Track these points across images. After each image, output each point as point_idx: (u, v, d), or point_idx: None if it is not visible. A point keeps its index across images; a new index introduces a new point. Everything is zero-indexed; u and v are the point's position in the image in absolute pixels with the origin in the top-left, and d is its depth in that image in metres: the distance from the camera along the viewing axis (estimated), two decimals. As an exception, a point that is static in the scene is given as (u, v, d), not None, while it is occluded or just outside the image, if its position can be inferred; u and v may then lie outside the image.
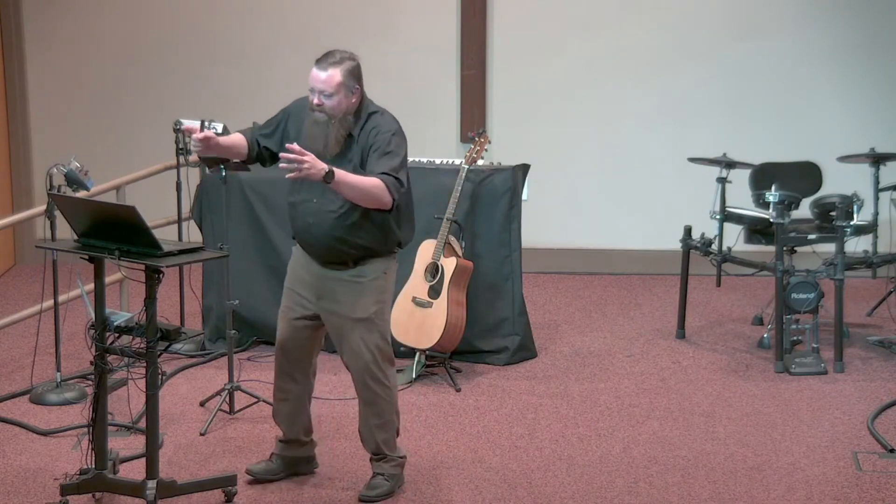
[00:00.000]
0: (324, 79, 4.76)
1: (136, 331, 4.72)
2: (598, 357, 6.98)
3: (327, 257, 4.88)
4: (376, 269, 4.92)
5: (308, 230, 4.87)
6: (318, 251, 4.89)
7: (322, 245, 4.85)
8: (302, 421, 5.17)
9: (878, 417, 5.93)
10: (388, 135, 4.80)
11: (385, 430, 5.03)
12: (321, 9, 9.03)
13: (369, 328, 4.91)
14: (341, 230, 4.81)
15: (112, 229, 4.67)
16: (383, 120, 4.87)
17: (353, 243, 4.84)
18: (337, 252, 4.85)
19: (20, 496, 5.03)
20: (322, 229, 4.83)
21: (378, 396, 4.98)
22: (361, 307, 4.89)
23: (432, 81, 9.01)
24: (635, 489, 5.12)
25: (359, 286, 4.89)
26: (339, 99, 4.78)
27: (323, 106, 4.77)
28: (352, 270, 4.88)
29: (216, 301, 6.91)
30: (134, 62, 9.28)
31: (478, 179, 6.77)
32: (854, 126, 8.71)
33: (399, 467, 5.10)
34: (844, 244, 6.73)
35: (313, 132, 4.79)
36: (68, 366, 6.48)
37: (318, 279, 4.93)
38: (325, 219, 4.81)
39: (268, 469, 5.19)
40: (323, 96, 4.77)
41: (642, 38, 8.92)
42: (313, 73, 4.79)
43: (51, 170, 6.14)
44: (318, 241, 4.85)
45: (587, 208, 9.09)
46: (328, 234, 4.82)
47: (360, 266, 4.89)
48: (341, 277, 4.89)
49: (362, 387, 4.97)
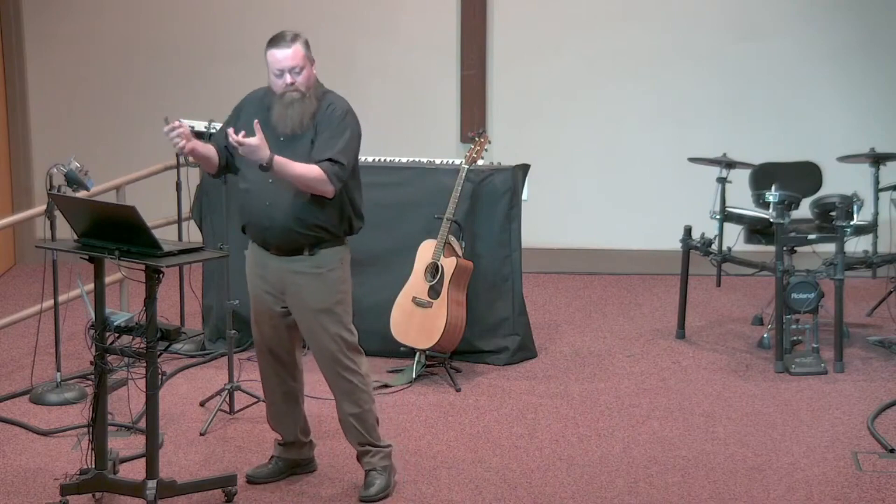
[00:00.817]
0: (290, 55, 4.79)
1: (136, 331, 4.73)
2: (598, 357, 6.98)
3: (284, 243, 4.87)
4: (333, 258, 4.92)
5: (266, 212, 4.84)
6: (274, 235, 4.86)
7: (279, 226, 4.83)
8: (298, 422, 5.17)
9: (878, 417, 5.93)
10: (340, 115, 4.84)
11: (365, 418, 5.02)
12: (321, 9, 9.03)
13: (332, 319, 4.92)
14: (299, 209, 4.80)
15: (112, 229, 4.67)
16: (336, 99, 4.91)
17: (310, 224, 4.83)
18: (294, 235, 4.84)
19: (20, 496, 5.03)
20: (280, 210, 4.81)
21: (352, 385, 4.98)
22: (322, 298, 4.90)
23: (432, 81, 9.00)
24: (635, 489, 5.12)
25: (318, 277, 4.89)
26: (308, 72, 4.83)
27: (296, 84, 4.79)
28: (310, 260, 4.88)
29: (216, 301, 6.91)
30: (134, 62, 9.28)
31: (478, 179, 6.77)
32: (854, 126, 8.70)
33: (388, 457, 5.10)
34: (844, 244, 6.72)
35: (287, 113, 4.80)
36: (68, 366, 6.48)
37: (277, 274, 4.92)
38: (284, 199, 4.80)
39: (268, 472, 5.18)
40: (294, 73, 4.79)
41: (642, 38, 8.92)
42: (275, 54, 4.81)
43: (51, 170, 6.13)
44: (275, 222, 4.83)
45: (587, 208, 9.09)
46: (287, 214, 4.80)
47: (317, 255, 4.89)
48: (301, 270, 4.89)
49: (335, 378, 4.98)
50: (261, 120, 4.80)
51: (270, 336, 5.04)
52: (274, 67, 4.82)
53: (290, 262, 4.90)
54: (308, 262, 4.89)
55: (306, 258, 4.89)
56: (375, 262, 6.72)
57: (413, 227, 6.74)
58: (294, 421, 5.16)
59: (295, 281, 4.90)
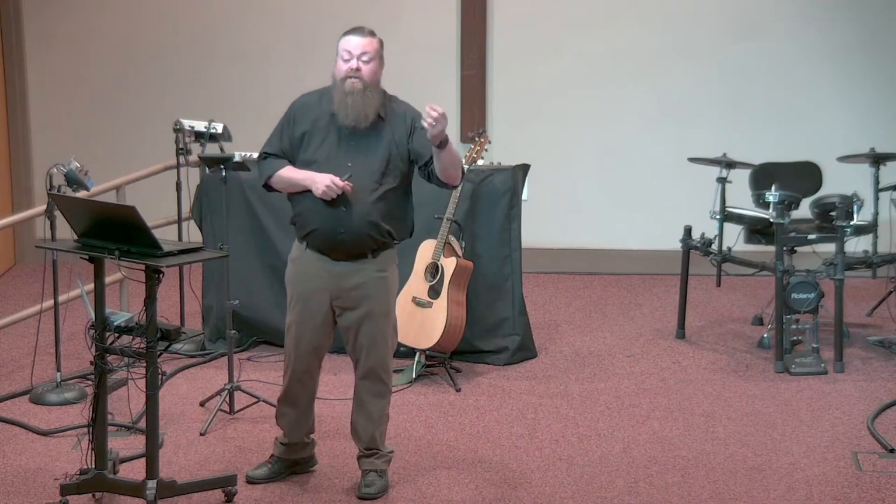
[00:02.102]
0: (365, 42, 4.81)
1: (136, 331, 4.72)
2: (598, 357, 6.98)
3: (354, 248, 4.83)
4: (390, 261, 4.95)
5: (340, 218, 4.79)
6: (346, 240, 4.81)
7: (354, 232, 4.79)
8: (308, 424, 5.16)
9: (878, 417, 5.93)
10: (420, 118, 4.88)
11: (383, 422, 5.05)
12: (321, 9, 9.04)
13: (388, 322, 4.95)
14: (375, 214, 4.80)
15: (112, 229, 4.67)
16: (409, 107, 4.95)
17: (382, 229, 4.83)
18: (365, 239, 4.81)
19: (20, 496, 5.03)
20: (356, 215, 4.78)
21: (386, 388, 5.01)
22: (385, 301, 4.92)
23: (432, 81, 9.01)
24: (635, 489, 5.12)
25: (383, 281, 4.90)
26: (375, 66, 4.82)
27: (361, 71, 4.78)
28: (372, 263, 4.87)
29: (216, 301, 6.91)
30: (134, 62, 9.28)
31: (478, 179, 6.78)
32: (854, 126, 8.71)
33: (387, 463, 5.10)
34: (844, 244, 6.73)
35: (348, 102, 4.78)
36: (68, 366, 6.48)
37: (335, 279, 4.87)
38: (361, 204, 4.78)
39: (268, 473, 5.17)
40: (362, 61, 4.79)
41: (642, 38, 8.93)
42: (350, 40, 4.82)
43: (51, 170, 6.13)
44: (349, 228, 4.79)
45: (587, 208, 9.09)
46: (362, 220, 4.79)
47: (378, 258, 4.89)
48: (365, 273, 4.86)
49: (375, 382, 4.97)
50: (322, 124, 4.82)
51: (311, 342, 4.97)
52: (344, 50, 4.81)
53: (352, 266, 4.86)
54: (372, 265, 4.88)
55: (370, 261, 4.87)
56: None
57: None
58: (305, 423, 5.14)
59: (357, 285, 4.87)
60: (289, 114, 4.96)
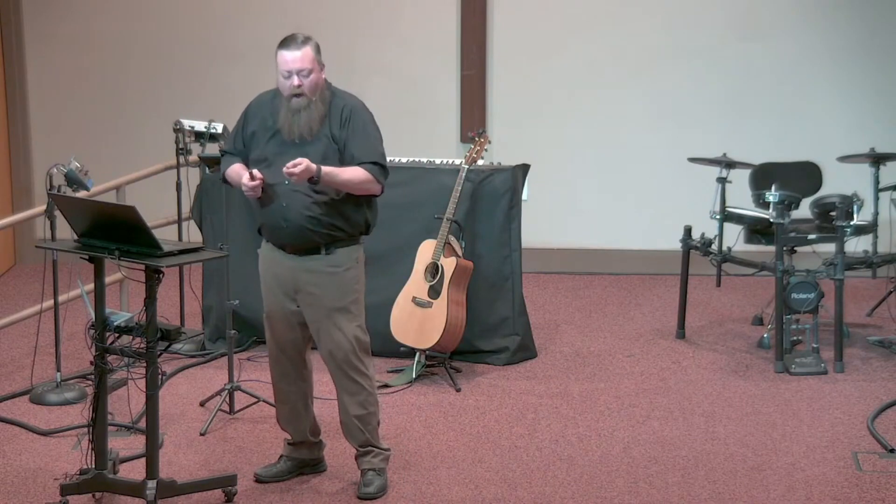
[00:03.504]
0: (300, 57, 4.79)
1: (136, 331, 4.72)
2: (598, 357, 6.98)
3: (299, 242, 4.87)
4: (349, 257, 4.94)
5: (282, 212, 4.84)
6: (290, 234, 4.87)
7: (295, 226, 4.84)
8: (308, 421, 5.17)
9: (878, 417, 5.93)
10: (365, 118, 4.89)
11: (369, 420, 5.04)
12: (321, 8, 9.04)
13: (347, 318, 4.93)
14: (314, 209, 4.82)
15: (112, 229, 4.67)
16: (351, 99, 4.93)
17: (325, 223, 4.84)
18: (309, 234, 4.85)
19: (20, 496, 5.03)
20: (295, 210, 4.82)
21: (361, 387, 4.99)
22: (339, 297, 4.91)
23: (432, 81, 9.01)
24: (635, 489, 5.12)
25: (335, 276, 4.90)
26: (316, 76, 4.83)
27: (302, 87, 4.79)
28: (326, 259, 4.89)
29: (216, 301, 6.91)
30: (134, 62, 9.28)
31: (478, 179, 6.77)
32: (854, 126, 8.71)
33: (385, 461, 5.11)
34: (844, 244, 6.73)
35: (294, 121, 4.82)
36: (68, 366, 6.48)
37: (292, 272, 4.93)
38: (298, 198, 4.82)
39: (276, 472, 5.17)
40: (302, 76, 4.79)
41: (642, 38, 8.93)
42: (285, 56, 4.80)
43: (51, 170, 6.13)
44: (291, 222, 4.84)
45: (587, 208, 9.09)
46: (301, 214, 4.82)
47: (333, 253, 4.90)
48: (317, 268, 4.89)
49: (344, 379, 4.98)
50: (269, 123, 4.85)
51: (283, 335, 5.03)
52: (282, 69, 4.82)
53: (305, 261, 4.90)
54: (324, 260, 4.90)
55: (322, 257, 4.90)
56: (375, 262, 6.68)
57: (413, 227, 6.73)
58: (304, 421, 5.15)
59: (310, 280, 4.91)
60: (244, 113, 5.03)
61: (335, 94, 4.92)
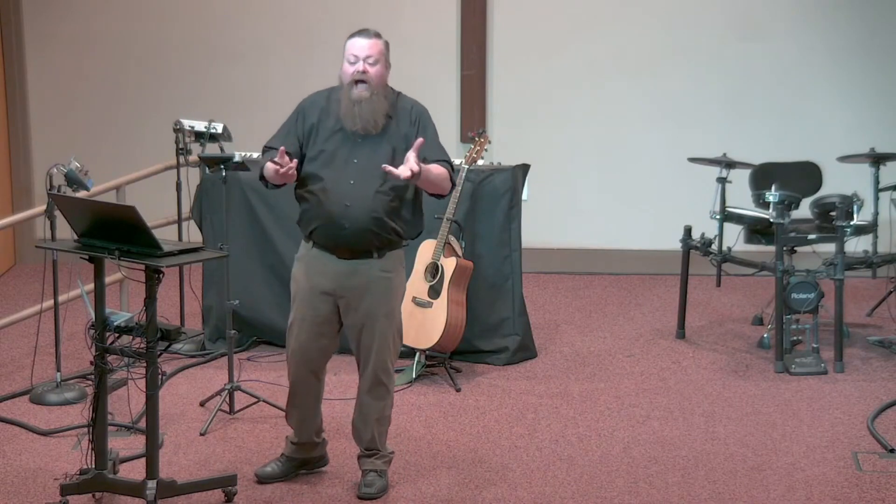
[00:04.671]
0: (370, 44, 4.79)
1: (136, 331, 4.72)
2: (598, 357, 6.98)
3: (358, 243, 4.80)
4: (396, 262, 4.93)
5: (344, 213, 4.76)
6: (350, 235, 4.78)
7: (358, 227, 4.76)
8: (316, 423, 5.14)
9: (878, 417, 5.93)
10: (431, 121, 4.91)
11: (384, 423, 5.04)
12: (321, 8, 9.03)
13: (391, 323, 4.93)
14: (380, 210, 4.77)
15: (112, 229, 4.67)
16: (417, 103, 4.93)
17: (388, 226, 4.81)
18: (370, 236, 4.79)
19: (20, 496, 5.03)
20: (361, 211, 4.75)
21: (387, 391, 4.99)
22: (389, 302, 4.90)
23: (432, 81, 9.00)
24: (635, 489, 5.12)
25: (387, 281, 4.88)
26: (381, 68, 4.81)
27: (368, 74, 4.76)
28: (377, 263, 4.85)
29: (216, 301, 6.91)
30: (134, 62, 9.28)
31: (478, 179, 6.78)
32: (854, 126, 8.71)
33: (388, 463, 5.10)
34: (844, 244, 6.73)
35: (356, 111, 4.76)
36: (68, 366, 6.48)
37: (340, 277, 4.86)
38: (364, 199, 4.76)
39: (278, 471, 5.14)
40: (368, 63, 4.77)
41: (642, 38, 8.93)
42: (356, 42, 4.80)
43: (51, 170, 6.13)
44: (354, 223, 4.76)
45: (587, 208, 9.09)
46: (367, 216, 4.75)
47: (383, 258, 4.87)
48: (368, 272, 4.85)
49: (374, 382, 4.95)
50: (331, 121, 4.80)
51: (312, 343, 4.94)
52: (350, 52, 4.79)
53: (357, 265, 4.84)
54: (377, 265, 4.86)
55: (375, 261, 4.86)
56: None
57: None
58: (312, 422, 5.11)
59: (360, 284, 4.85)
60: (298, 110, 4.95)
61: (400, 95, 4.91)
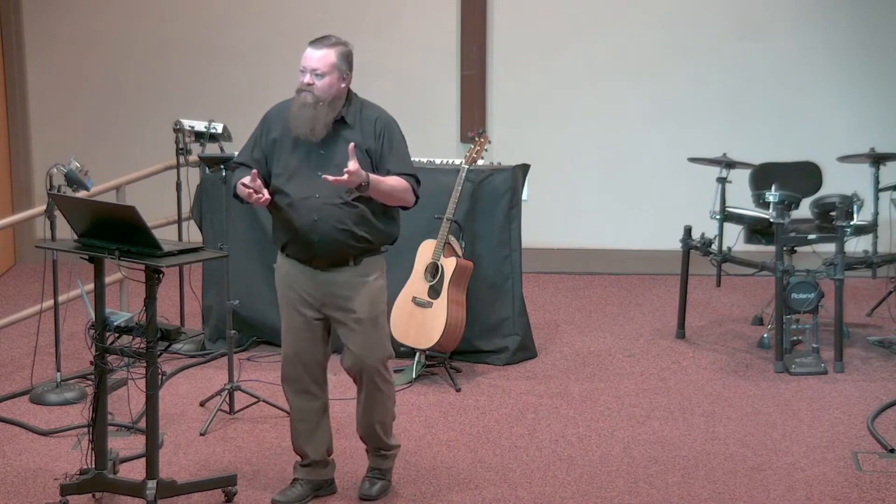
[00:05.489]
0: (318, 57, 4.74)
1: (136, 331, 4.72)
2: (598, 357, 6.98)
3: (330, 255, 4.80)
4: (375, 267, 4.90)
5: (312, 227, 4.76)
6: (321, 248, 4.79)
7: (327, 240, 4.76)
8: (325, 439, 5.05)
9: (878, 417, 5.93)
10: (398, 131, 4.87)
11: (388, 424, 5.04)
12: (321, 8, 9.04)
13: (377, 328, 4.90)
14: (348, 222, 4.76)
15: (112, 229, 4.67)
16: (383, 113, 4.89)
17: (358, 236, 4.79)
18: (341, 247, 4.78)
19: (20, 496, 5.03)
20: (328, 224, 4.75)
21: (384, 394, 4.97)
22: (370, 307, 4.86)
23: (432, 81, 9.01)
24: (635, 489, 5.12)
25: (366, 286, 4.85)
26: (331, 81, 4.75)
27: (313, 86, 4.73)
28: (354, 269, 4.84)
29: (216, 301, 6.91)
30: (134, 62, 9.28)
31: (478, 179, 6.78)
32: (854, 126, 8.71)
33: (394, 458, 5.11)
34: (844, 244, 6.73)
35: (299, 114, 4.75)
36: (68, 366, 6.48)
37: (319, 286, 4.85)
38: (331, 212, 4.75)
39: (296, 496, 4.99)
40: (315, 75, 4.73)
41: (642, 38, 8.93)
42: (307, 52, 4.77)
43: (51, 170, 6.14)
44: (323, 236, 4.76)
45: (587, 208, 9.09)
46: (335, 228, 4.75)
47: (362, 264, 4.86)
48: (346, 280, 4.83)
49: (370, 386, 4.93)
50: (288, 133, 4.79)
51: (306, 349, 4.92)
52: (302, 62, 4.78)
53: (334, 274, 4.83)
54: (354, 271, 4.84)
55: (352, 268, 4.84)
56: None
57: (413, 227, 6.71)
58: (322, 437, 5.02)
59: (340, 292, 4.84)
60: (263, 120, 4.94)
61: (364, 105, 4.87)
